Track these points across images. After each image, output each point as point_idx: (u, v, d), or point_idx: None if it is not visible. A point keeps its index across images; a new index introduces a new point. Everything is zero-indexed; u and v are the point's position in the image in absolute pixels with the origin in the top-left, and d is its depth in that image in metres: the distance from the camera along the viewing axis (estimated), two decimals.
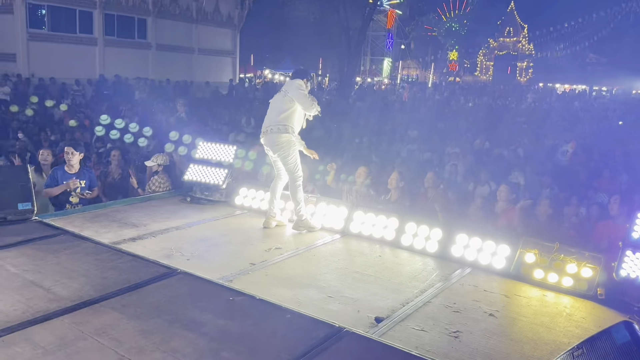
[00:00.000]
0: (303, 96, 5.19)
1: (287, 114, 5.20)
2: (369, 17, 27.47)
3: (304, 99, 5.19)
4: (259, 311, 3.23)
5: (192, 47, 28.31)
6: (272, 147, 5.26)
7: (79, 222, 5.07)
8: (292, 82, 5.31)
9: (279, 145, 5.20)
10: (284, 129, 5.18)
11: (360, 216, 5.26)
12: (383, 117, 17.20)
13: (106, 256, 3.97)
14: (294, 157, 5.26)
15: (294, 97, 5.19)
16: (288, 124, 5.19)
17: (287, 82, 5.47)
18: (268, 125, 5.27)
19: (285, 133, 5.18)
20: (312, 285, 3.98)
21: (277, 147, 5.22)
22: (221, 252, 4.63)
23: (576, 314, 3.81)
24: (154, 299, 3.26)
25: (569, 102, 28.44)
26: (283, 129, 5.18)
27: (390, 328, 3.36)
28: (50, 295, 3.24)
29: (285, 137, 5.18)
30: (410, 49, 52.47)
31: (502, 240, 4.54)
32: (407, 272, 4.38)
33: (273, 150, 5.28)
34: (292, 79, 5.36)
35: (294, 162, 5.26)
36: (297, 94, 5.19)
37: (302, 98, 5.19)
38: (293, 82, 5.29)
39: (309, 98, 5.21)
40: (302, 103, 5.19)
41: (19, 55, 21.36)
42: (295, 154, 5.26)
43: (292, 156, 5.24)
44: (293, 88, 5.23)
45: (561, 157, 11.48)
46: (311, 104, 5.21)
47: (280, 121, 5.19)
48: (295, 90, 5.20)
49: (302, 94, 5.20)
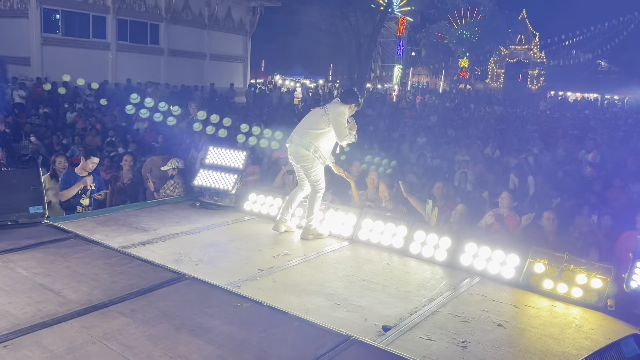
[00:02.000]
0: (340, 125, 5.07)
1: (317, 133, 5.15)
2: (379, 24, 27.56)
3: (339, 128, 5.07)
4: (266, 318, 3.24)
5: (204, 52, 28.50)
6: (295, 158, 5.26)
7: (90, 226, 5.11)
8: (337, 105, 5.19)
9: (301, 157, 5.19)
10: (306, 146, 5.12)
11: (368, 223, 5.26)
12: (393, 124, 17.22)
13: (116, 260, 4.00)
14: (317, 170, 5.22)
15: (332, 122, 5.11)
16: (314, 143, 5.13)
17: (332, 102, 5.33)
18: (296, 134, 5.23)
19: (307, 150, 5.13)
20: (320, 292, 3.98)
21: (299, 158, 5.20)
22: (229, 258, 4.64)
23: (585, 325, 3.78)
24: (162, 304, 3.27)
25: (580, 110, 28.28)
26: (306, 145, 5.12)
27: (398, 337, 3.35)
28: (59, 299, 3.27)
29: (306, 153, 5.14)
30: (420, 56, 52.40)
31: (512, 249, 4.51)
32: (415, 280, 4.37)
33: (296, 160, 5.28)
34: (338, 102, 5.23)
35: (316, 174, 5.22)
36: (336, 120, 5.08)
37: (338, 127, 5.08)
38: (337, 106, 5.16)
39: (345, 128, 5.08)
40: (337, 131, 5.10)
41: (33, 59, 21.63)
42: (317, 167, 5.22)
43: (315, 169, 5.20)
44: (334, 113, 5.12)
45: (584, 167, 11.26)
46: (345, 134, 5.09)
47: (308, 137, 5.14)
48: (335, 116, 5.09)
49: (340, 123, 5.07)
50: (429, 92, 38.35)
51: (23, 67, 21.37)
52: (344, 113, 5.14)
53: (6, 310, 3.10)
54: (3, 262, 3.85)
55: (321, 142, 5.17)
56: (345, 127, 5.12)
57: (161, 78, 25.30)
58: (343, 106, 5.17)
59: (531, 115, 24.06)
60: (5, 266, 3.78)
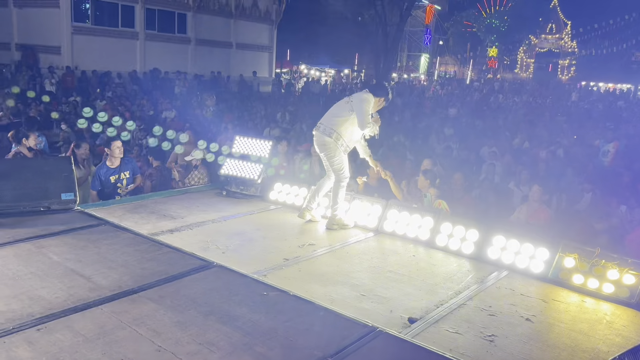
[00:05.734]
0: (362, 111, 5.02)
1: (340, 120, 5.15)
2: (407, 13, 27.21)
3: (361, 114, 5.02)
4: (292, 307, 3.25)
5: (230, 41, 28.62)
6: (319, 146, 5.29)
7: (120, 213, 5.20)
8: (361, 93, 5.21)
9: (324, 146, 5.21)
10: (329, 133, 5.14)
11: (394, 215, 5.23)
12: (419, 114, 17.04)
13: (145, 247, 4.06)
14: (339, 159, 5.22)
15: (355, 108, 5.09)
16: (336, 129, 5.13)
17: (360, 92, 5.31)
18: (321, 123, 5.27)
19: (329, 137, 5.14)
20: (345, 282, 3.98)
21: (322, 146, 5.24)
22: (255, 247, 4.67)
23: (617, 321, 3.70)
24: (190, 291, 3.32)
25: (613, 101, 27.55)
26: (329, 132, 5.14)
27: (424, 329, 3.33)
28: (90, 284, 3.34)
29: (328, 140, 5.16)
30: (448, 45, 51.71)
31: (541, 243, 4.44)
32: (441, 273, 4.33)
33: (319, 149, 5.31)
34: (367, 92, 5.20)
35: (339, 162, 5.23)
36: (358, 106, 5.05)
37: (360, 112, 5.03)
38: (361, 94, 5.19)
39: (366, 115, 5.03)
40: (358, 117, 5.05)
41: (64, 47, 22.01)
42: (340, 155, 5.22)
43: (337, 157, 5.21)
44: (358, 99, 5.12)
45: (602, 157, 11.13)
46: (367, 122, 5.04)
47: (331, 124, 5.17)
48: (358, 102, 5.08)
49: (363, 109, 5.02)
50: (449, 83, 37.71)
51: (54, 55, 21.78)
52: (369, 101, 5.10)
53: (39, 295, 3.18)
54: (36, 247, 3.95)
55: (344, 129, 5.16)
56: (368, 115, 5.07)
57: (188, 67, 25.53)
58: (369, 95, 5.14)
59: (561, 105, 23.52)
60: (39, 251, 3.87)
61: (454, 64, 53.14)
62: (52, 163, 5.12)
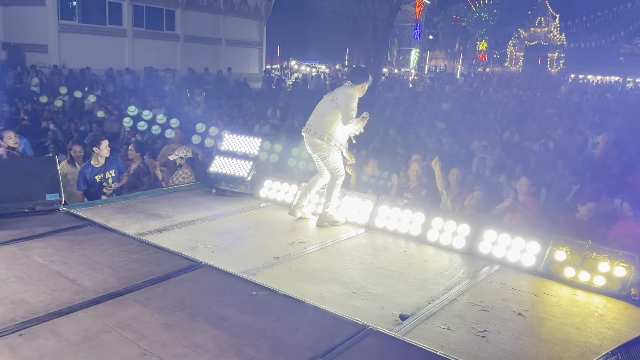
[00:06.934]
0: (346, 108, 4.92)
1: (328, 120, 5.05)
2: (396, 8, 27.08)
3: (345, 110, 4.93)
4: (281, 306, 3.20)
5: (220, 38, 28.45)
6: (311, 147, 5.21)
7: (107, 213, 5.12)
8: (345, 89, 5.06)
9: (316, 147, 5.14)
10: (320, 136, 5.06)
11: (385, 210, 5.19)
12: (410, 109, 17.01)
13: (131, 248, 3.99)
14: (334, 157, 5.17)
15: (340, 105, 4.97)
16: (326, 131, 5.04)
17: (343, 86, 5.17)
18: (310, 124, 5.16)
19: (320, 140, 5.07)
20: (336, 280, 3.93)
21: (315, 147, 5.16)
22: (245, 245, 4.62)
23: (608, 314, 3.68)
24: (177, 292, 3.26)
25: (601, 94, 27.67)
26: (320, 135, 5.06)
27: (415, 326, 3.30)
28: (75, 287, 3.27)
29: (320, 142, 5.09)
30: (438, 39, 51.70)
31: (532, 237, 4.42)
32: (433, 268, 4.30)
33: (312, 150, 5.23)
34: (349, 85, 5.07)
35: (334, 162, 5.17)
36: (344, 103, 4.94)
37: (345, 109, 4.93)
38: (345, 89, 5.05)
39: (350, 111, 4.92)
40: (342, 114, 4.96)
41: (51, 46, 21.78)
42: (334, 154, 5.17)
43: (332, 156, 5.15)
44: (342, 96, 4.99)
45: (592, 149, 11.16)
46: (350, 117, 4.94)
47: (321, 127, 5.06)
48: (344, 100, 4.96)
49: (347, 106, 4.92)
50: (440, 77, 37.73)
51: (41, 54, 21.55)
52: (354, 96, 5.00)
53: (22, 299, 3.11)
54: (20, 249, 3.87)
55: (334, 129, 5.08)
56: (353, 110, 4.97)
57: (177, 64, 25.34)
58: (353, 89, 5.03)
59: (550, 98, 23.57)
60: (22, 254, 3.79)
61: (444, 58, 53.20)
62: (36, 163, 5.03)
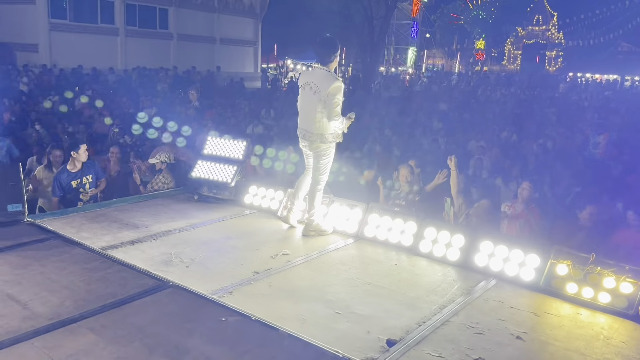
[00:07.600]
0: (332, 104, 4.57)
1: (320, 121, 4.69)
2: (393, 6, 26.80)
3: (330, 107, 4.58)
4: (254, 334, 2.88)
5: (214, 36, 28.09)
6: (312, 150, 4.87)
7: (78, 223, 4.80)
8: (327, 81, 4.59)
9: (318, 149, 4.82)
10: (323, 139, 4.74)
11: (375, 219, 4.87)
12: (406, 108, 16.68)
13: (95, 265, 3.66)
14: (327, 160, 4.88)
15: (326, 102, 4.59)
16: (323, 133, 4.72)
17: (318, 75, 4.69)
18: (305, 131, 4.80)
19: (325, 144, 4.77)
20: (319, 298, 3.62)
21: (316, 149, 4.84)
22: (224, 259, 4.29)
23: (615, 337, 3.37)
24: (138, 318, 2.93)
25: (600, 92, 27.37)
26: (320, 139, 4.74)
27: (403, 353, 2.99)
28: (25, 312, 2.94)
29: (322, 145, 4.78)
30: (435, 37, 51.40)
31: (531, 249, 4.10)
32: (424, 283, 3.99)
33: (310, 148, 4.88)
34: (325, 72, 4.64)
35: (325, 164, 4.88)
36: (330, 100, 4.57)
37: (330, 105, 4.58)
38: (328, 82, 4.57)
39: (336, 106, 4.59)
40: (328, 110, 4.61)
41: (41, 45, 21.41)
42: (330, 156, 4.88)
43: (327, 158, 4.87)
44: (326, 94, 4.57)
45: (593, 149, 10.85)
46: (335, 114, 4.62)
47: (317, 130, 4.71)
48: (331, 97, 4.56)
49: (333, 102, 4.57)
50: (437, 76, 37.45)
51: (31, 53, 21.19)
52: (339, 89, 4.61)
53: None
54: None
55: (327, 127, 4.74)
56: (338, 105, 4.63)
57: (170, 63, 24.96)
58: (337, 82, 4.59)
59: (549, 97, 23.25)
60: None
61: (442, 56, 52.89)
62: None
